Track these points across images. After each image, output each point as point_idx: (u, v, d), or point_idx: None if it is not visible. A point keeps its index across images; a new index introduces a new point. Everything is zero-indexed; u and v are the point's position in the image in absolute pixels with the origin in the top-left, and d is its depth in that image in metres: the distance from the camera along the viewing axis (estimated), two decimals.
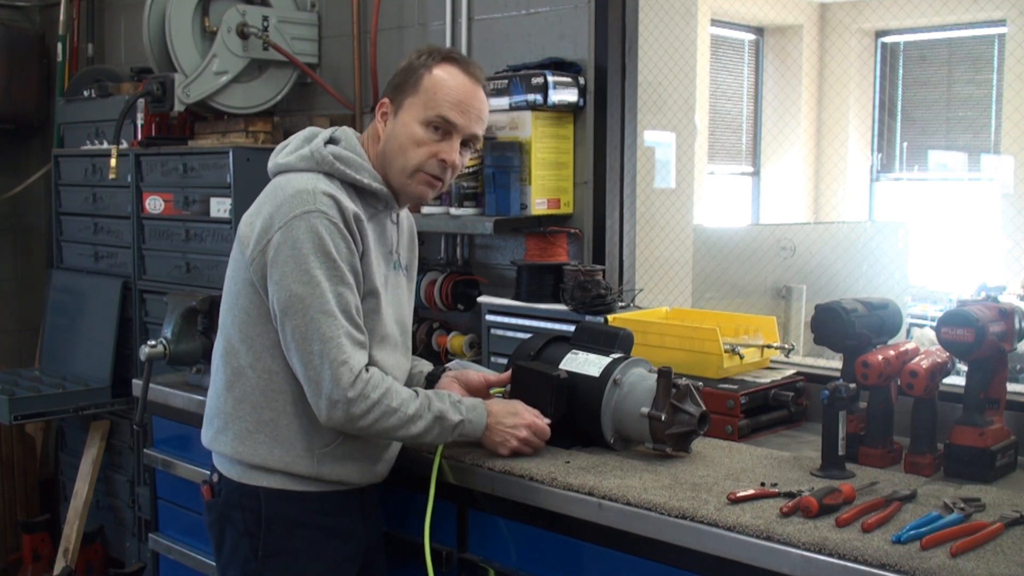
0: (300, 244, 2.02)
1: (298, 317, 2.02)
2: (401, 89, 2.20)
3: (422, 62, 2.20)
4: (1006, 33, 7.07)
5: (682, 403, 2.23)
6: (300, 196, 2.06)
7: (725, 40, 7.56)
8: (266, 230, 2.07)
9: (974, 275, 5.67)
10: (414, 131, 2.17)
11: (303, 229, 2.03)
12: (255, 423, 2.13)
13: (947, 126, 7.70)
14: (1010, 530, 1.84)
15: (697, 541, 1.92)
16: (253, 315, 2.12)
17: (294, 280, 2.02)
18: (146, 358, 2.95)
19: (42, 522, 4.50)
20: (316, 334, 2.01)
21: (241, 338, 2.14)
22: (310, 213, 2.04)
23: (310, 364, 2.03)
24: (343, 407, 2.03)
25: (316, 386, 2.03)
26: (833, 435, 2.15)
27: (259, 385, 2.13)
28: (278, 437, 2.13)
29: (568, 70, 3.15)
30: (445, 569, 2.34)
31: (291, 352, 2.06)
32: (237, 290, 2.15)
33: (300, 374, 2.07)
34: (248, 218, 2.14)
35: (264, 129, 3.86)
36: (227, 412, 2.16)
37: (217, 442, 2.19)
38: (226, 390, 2.17)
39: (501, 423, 2.23)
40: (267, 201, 2.12)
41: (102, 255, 4.32)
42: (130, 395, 3.98)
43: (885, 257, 5.30)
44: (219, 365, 2.20)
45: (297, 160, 2.15)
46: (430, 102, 2.17)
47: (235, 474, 2.17)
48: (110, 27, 4.99)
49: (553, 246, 3.10)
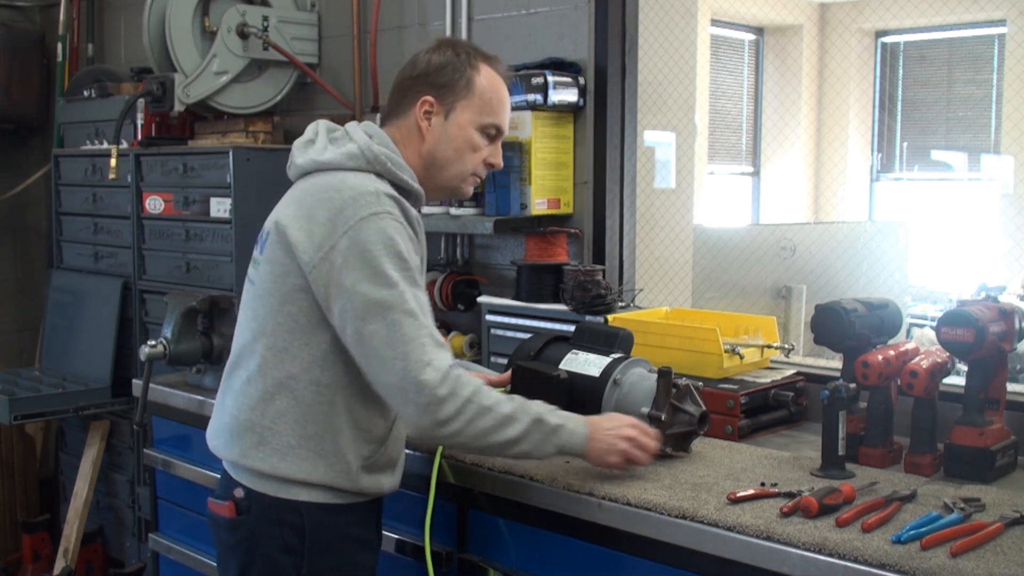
0: (372, 246, 1.92)
1: (378, 321, 1.91)
2: (450, 90, 2.11)
3: (465, 61, 2.12)
4: (1006, 33, 7.07)
5: (682, 403, 2.23)
6: (364, 198, 1.96)
7: (725, 40, 7.56)
8: (329, 235, 1.94)
9: (974, 275, 5.67)
10: (471, 136, 2.13)
11: (373, 231, 1.93)
12: (298, 437, 2.00)
13: (947, 126, 7.70)
14: (1010, 530, 1.84)
15: (697, 541, 1.92)
16: (302, 323, 2.00)
17: (370, 284, 1.91)
18: (146, 358, 2.95)
19: (42, 522, 4.50)
20: (399, 336, 1.90)
21: (286, 347, 2.01)
22: (378, 215, 1.95)
23: (393, 369, 1.91)
24: (434, 409, 1.91)
25: (402, 392, 1.92)
26: (833, 435, 2.15)
27: (305, 397, 2.00)
28: (322, 451, 2.01)
29: (568, 70, 3.15)
30: (445, 569, 2.34)
31: (371, 362, 1.94)
32: (283, 296, 2.00)
33: (381, 381, 1.95)
34: (298, 221, 1.98)
35: (264, 129, 3.86)
36: (264, 426, 2.02)
37: (249, 458, 2.03)
38: (264, 402, 2.02)
39: (602, 428, 2.08)
40: (320, 203, 1.98)
41: (102, 255, 4.32)
42: (130, 395, 3.98)
43: (885, 257, 5.30)
44: (253, 375, 2.04)
45: (344, 158, 2.04)
46: (486, 109, 2.13)
47: (271, 489, 2.03)
48: (110, 27, 4.99)
49: (553, 246, 3.10)
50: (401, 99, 2.15)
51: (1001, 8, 6.98)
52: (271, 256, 2.03)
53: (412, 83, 2.14)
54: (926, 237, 6.49)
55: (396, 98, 2.17)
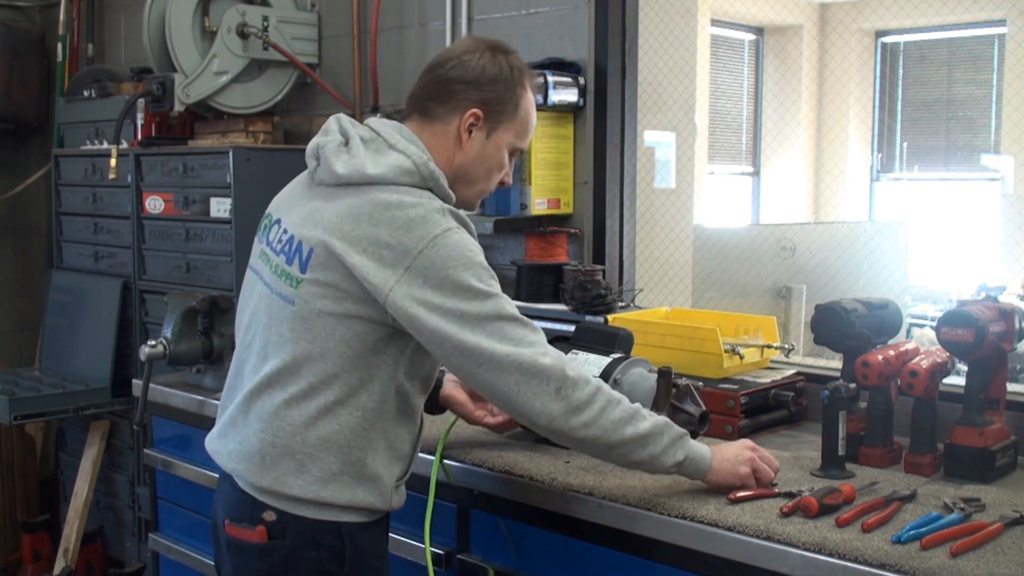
0: (453, 262, 1.85)
1: (479, 333, 1.84)
2: (500, 108, 2.01)
3: (517, 79, 2.03)
4: (1006, 33, 7.07)
5: (682, 403, 2.23)
6: (432, 216, 1.87)
7: (725, 40, 7.56)
8: (402, 257, 1.84)
9: (974, 275, 5.68)
10: (503, 158, 2.06)
11: (451, 247, 1.85)
12: (340, 464, 1.93)
13: (947, 126, 7.70)
14: (1010, 530, 1.84)
15: (697, 541, 1.92)
16: (356, 348, 1.90)
17: (459, 300, 1.84)
18: (146, 358, 2.95)
19: (42, 522, 4.50)
20: (508, 338, 1.85)
21: (336, 373, 1.91)
22: (449, 231, 1.86)
23: (511, 367, 1.84)
24: (567, 394, 1.85)
25: (527, 386, 1.85)
26: (833, 435, 2.15)
27: (350, 423, 1.92)
28: (362, 476, 1.95)
29: (568, 70, 3.15)
30: (445, 569, 2.34)
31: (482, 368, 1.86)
32: (336, 320, 1.89)
33: (500, 387, 1.87)
34: (359, 244, 1.87)
35: (264, 129, 3.86)
36: (305, 453, 1.92)
37: (285, 484, 1.92)
38: (306, 428, 1.92)
39: (725, 456, 2.04)
40: (383, 224, 1.87)
41: (102, 255, 4.32)
42: (130, 395, 3.98)
43: (885, 257, 5.30)
44: (295, 400, 1.92)
45: (398, 173, 1.92)
46: (523, 132, 2.07)
47: (310, 512, 1.94)
48: (110, 27, 4.99)
49: (553, 246, 3.10)
50: (446, 100, 2.01)
51: (1001, 8, 6.98)
52: (323, 278, 1.90)
53: (463, 88, 2.00)
54: (926, 237, 6.50)
55: (439, 96, 2.02)
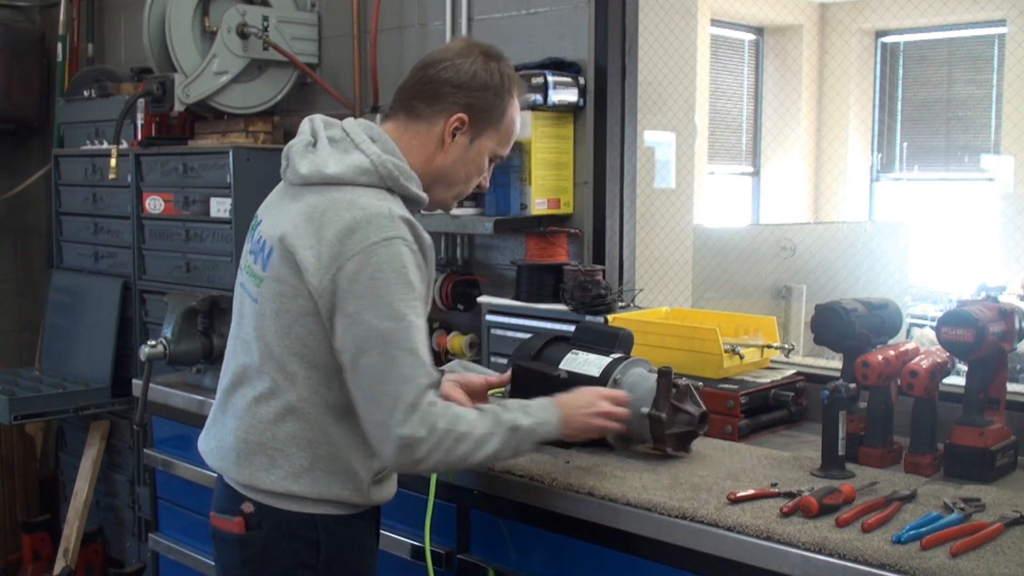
0: (382, 274, 1.84)
1: (375, 354, 1.84)
2: (486, 116, 2.04)
3: (507, 88, 2.06)
4: (1006, 33, 7.07)
5: (682, 403, 2.23)
6: (377, 220, 1.87)
7: (725, 40, 7.56)
8: (336, 256, 1.86)
9: (974, 275, 5.68)
10: (483, 163, 2.10)
11: (385, 257, 1.85)
12: (311, 459, 1.96)
13: (947, 126, 7.70)
14: (1010, 530, 1.84)
15: (697, 541, 1.93)
16: (312, 346, 1.93)
17: (374, 313, 1.84)
18: (146, 358, 2.95)
19: (42, 522, 4.50)
20: (395, 374, 1.84)
21: (296, 371, 1.94)
22: (392, 240, 1.86)
23: (381, 406, 1.85)
24: (410, 451, 1.85)
25: (384, 430, 1.86)
26: (833, 435, 2.15)
27: (316, 419, 1.95)
28: (335, 471, 1.97)
29: (568, 70, 3.15)
30: (445, 569, 2.34)
31: (361, 391, 1.88)
32: (292, 319, 1.93)
33: (366, 413, 1.89)
34: (306, 241, 1.90)
35: (264, 129, 3.86)
36: (276, 448, 1.96)
37: (260, 480, 1.97)
38: (275, 425, 1.96)
39: (575, 409, 2.09)
40: (330, 222, 1.89)
41: (102, 255, 4.32)
42: (130, 395, 3.98)
43: (885, 257, 5.30)
44: (262, 398, 1.97)
45: (355, 173, 1.94)
46: (505, 141, 2.11)
47: (285, 504, 1.98)
48: (110, 27, 4.99)
49: (553, 246, 3.10)
50: (433, 102, 2.03)
51: (1001, 8, 6.98)
52: (277, 275, 1.95)
53: (452, 91, 2.02)
54: (926, 237, 6.50)
55: (427, 96, 2.03)
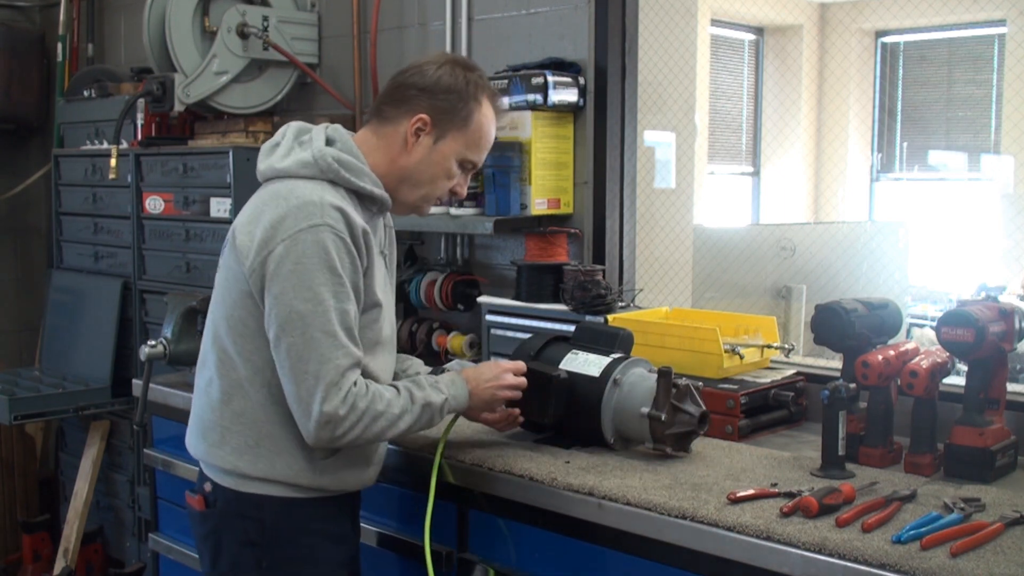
0: (305, 258, 1.95)
1: (296, 335, 1.95)
2: (449, 118, 2.12)
3: (471, 93, 2.13)
4: (1006, 33, 7.07)
5: (682, 403, 2.23)
6: (307, 208, 1.97)
7: (725, 40, 7.56)
8: (267, 241, 1.97)
9: (974, 275, 5.67)
10: (451, 167, 2.16)
11: (309, 243, 1.95)
12: (255, 437, 2.06)
13: (947, 126, 7.70)
14: (1010, 530, 1.84)
15: (697, 541, 1.92)
16: (251, 327, 2.04)
17: (295, 296, 1.95)
18: (146, 358, 2.95)
19: (42, 522, 4.50)
20: (314, 354, 1.95)
21: (238, 351, 2.06)
22: (318, 227, 1.96)
23: (303, 384, 1.96)
24: (331, 428, 1.97)
25: (306, 407, 1.97)
26: (833, 435, 2.15)
27: (259, 399, 2.06)
28: (279, 450, 2.06)
29: (568, 70, 3.15)
30: (445, 569, 2.34)
31: (284, 369, 1.99)
32: (233, 301, 2.06)
33: (290, 392, 2.00)
34: (245, 227, 2.04)
35: (264, 129, 3.86)
36: (224, 426, 2.09)
37: (213, 456, 2.11)
38: (222, 403, 2.09)
39: (484, 383, 2.21)
40: (267, 210, 2.01)
41: (102, 255, 4.32)
42: (130, 395, 3.98)
43: (885, 257, 5.30)
44: (213, 376, 2.11)
45: (298, 166, 2.06)
46: (473, 146, 2.16)
47: (232, 483, 2.10)
48: (110, 27, 4.99)
49: (553, 246, 3.10)
50: (397, 104, 2.14)
51: (1001, 8, 6.98)
52: (225, 261, 2.10)
53: (416, 94, 2.12)
54: (926, 237, 6.49)
55: (393, 100, 2.15)
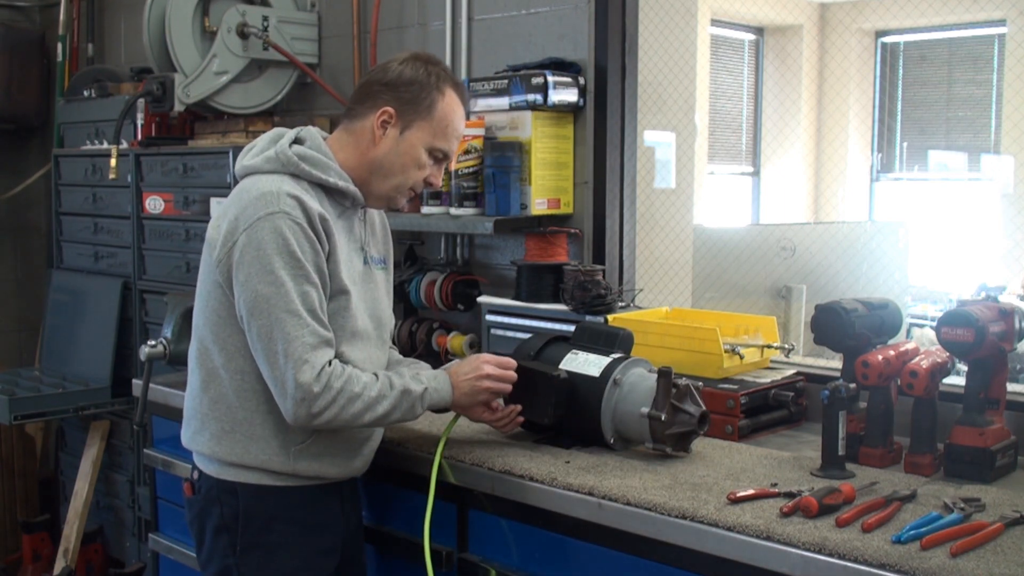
0: (264, 245, 2.05)
1: (263, 317, 2.05)
2: (413, 108, 2.20)
3: (432, 83, 2.21)
4: (1006, 33, 7.07)
5: (682, 403, 2.23)
6: (264, 198, 2.08)
7: (725, 40, 7.57)
8: (231, 232, 2.09)
9: (974, 275, 5.67)
10: (419, 156, 2.23)
11: (267, 230, 2.05)
12: (231, 423, 2.16)
13: (947, 126, 7.70)
14: (1010, 530, 1.84)
15: (697, 541, 1.92)
16: (223, 316, 2.14)
17: (259, 280, 2.05)
18: (146, 358, 2.96)
19: (42, 522, 4.50)
20: (280, 334, 2.04)
21: (213, 340, 2.16)
22: (274, 215, 2.06)
23: (275, 364, 2.05)
24: (307, 404, 2.04)
25: (281, 386, 2.06)
26: (833, 435, 2.15)
27: (232, 386, 2.15)
28: (253, 436, 2.15)
29: (568, 70, 3.15)
30: (445, 569, 2.34)
31: (257, 352, 2.09)
32: (207, 292, 2.17)
33: (266, 374, 2.09)
34: (215, 221, 2.17)
35: (264, 129, 3.84)
36: (203, 413, 2.19)
37: (195, 442, 2.23)
38: (201, 391, 2.20)
39: (463, 376, 2.25)
40: (232, 204, 2.14)
41: (102, 255, 4.32)
42: (130, 395, 3.98)
43: (885, 257, 5.30)
44: (194, 367, 2.23)
45: (262, 162, 2.17)
46: (440, 134, 2.23)
47: (213, 470, 2.20)
48: (110, 27, 4.99)
49: (553, 246, 3.10)
50: (363, 101, 2.24)
51: (1001, 8, 6.98)
52: (203, 256, 2.20)
53: (379, 89, 2.22)
54: (926, 237, 6.49)
55: (359, 98, 2.25)
